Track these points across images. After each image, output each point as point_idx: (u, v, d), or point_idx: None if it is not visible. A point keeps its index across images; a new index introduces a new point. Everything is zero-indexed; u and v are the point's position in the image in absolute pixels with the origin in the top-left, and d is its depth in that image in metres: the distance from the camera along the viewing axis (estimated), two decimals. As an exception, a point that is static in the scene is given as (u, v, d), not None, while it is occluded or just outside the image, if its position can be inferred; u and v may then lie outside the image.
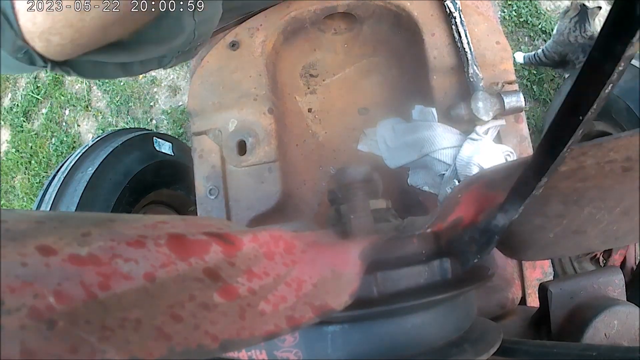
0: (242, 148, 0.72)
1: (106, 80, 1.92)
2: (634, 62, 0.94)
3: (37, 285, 0.16)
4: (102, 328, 0.16)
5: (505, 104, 0.66)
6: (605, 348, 0.34)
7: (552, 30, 1.70)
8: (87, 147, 1.05)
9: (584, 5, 1.35)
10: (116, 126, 1.86)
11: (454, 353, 0.32)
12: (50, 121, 1.93)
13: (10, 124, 1.97)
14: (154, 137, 1.17)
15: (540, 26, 1.74)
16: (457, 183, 0.63)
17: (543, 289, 0.48)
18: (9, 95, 2.04)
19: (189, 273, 0.21)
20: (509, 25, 1.76)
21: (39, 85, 1.99)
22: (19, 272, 0.16)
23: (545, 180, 0.28)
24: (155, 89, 1.89)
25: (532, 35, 1.75)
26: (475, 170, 0.62)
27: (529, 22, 1.75)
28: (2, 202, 1.88)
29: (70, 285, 0.17)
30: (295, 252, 0.29)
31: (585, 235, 0.36)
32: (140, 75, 1.91)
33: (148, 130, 1.41)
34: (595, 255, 1.18)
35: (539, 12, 1.76)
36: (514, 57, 1.52)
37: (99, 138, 1.10)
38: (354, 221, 0.41)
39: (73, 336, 0.15)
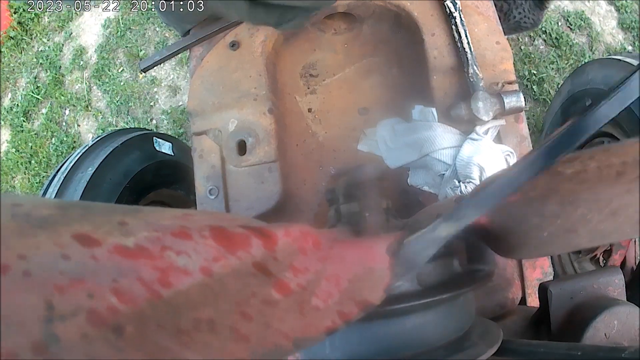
0: (242, 148, 0.72)
1: (106, 80, 1.92)
2: (634, 62, 0.94)
3: (89, 282, 0.13)
4: (178, 332, 0.14)
5: (505, 104, 0.66)
6: (590, 347, 0.35)
7: (552, 30, 1.70)
8: (87, 147, 1.05)
9: None
10: (116, 126, 1.86)
11: (456, 352, 0.32)
12: (50, 121, 1.93)
13: (10, 124, 1.97)
14: (154, 137, 1.17)
15: (540, 26, 1.74)
16: (457, 183, 0.63)
17: (543, 289, 0.48)
18: (9, 95, 2.04)
19: (242, 268, 0.20)
20: (509, 25, 1.76)
21: (39, 85, 1.99)
22: (62, 266, 0.13)
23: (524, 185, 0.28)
24: (155, 89, 1.89)
25: (532, 35, 1.75)
26: (475, 170, 0.62)
27: (529, 22, 1.75)
28: (2, 202, 1.88)
29: (127, 282, 0.14)
30: (322, 248, 0.28)
31: (575, 234, 0.36)
32: (140, 75, 1.91)
33: (148, 130, 1.41)
34: (595, 255, 1.18)
35: (539, 12, 1.76)
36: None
37: (98, 138, 1.10)
38: (369, 219, 0.41)
39: (148, 343, 0.13)
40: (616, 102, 0.26)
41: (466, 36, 0.71)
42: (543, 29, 1.74)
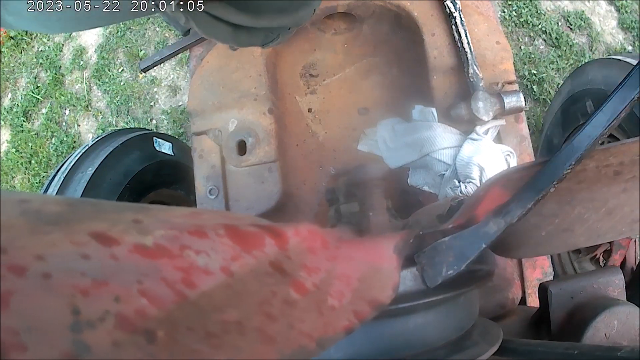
0: (242, 148, 0.72)
1: (106, 80, 1.92)
2: (634, 62, 0.94)
3: (113, 284, 0.12)
4: (208, 335, 0.13)
5: (505, 104, 0.66)
6: (588, 347, 0.35)
7: (552, 30, 1.70)
8: (87, 147, 1.05)
9: None
10: (116, 126, 1.86)
11: (457, 351, 0.32)
12: (50, 121, 1.93)
13: (10, 124, 1.97)
14: (154, 137, 1.17)
15: (540, 26, 1.74)
16: (457, 183, 0.63)
17: (543, 289, 0.48)
18: (9, 95, 2.04)
19: (259, 267, 0.19)
20: (509, 25, 1.76)
21: (39, 85, 1.99)
22: (83, 266, 0.12)
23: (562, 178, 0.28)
24: (155, 89, 1.89)
25: (532, 35, 1.75)
26: (475, 170, 0.62)
27: (529, 22, 1.75)
28: (2, 202, 1.88)
29: (152, 283, 0.13)
30: (330, 248, 0.28)
31: (572, 233, 0.37)
32: (140, 75, 1.91)
33: (148, 130, 1.41)
34: (595, 255, 1.18)
35: (539, 12, 1.76)
36: None
37: (99, 138, 1.10)
38: (372, 219, 0.41)
39: (180, 347, 0.12)
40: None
41: (466, 36, 0.71)
42: (543, 28, 1.74)
